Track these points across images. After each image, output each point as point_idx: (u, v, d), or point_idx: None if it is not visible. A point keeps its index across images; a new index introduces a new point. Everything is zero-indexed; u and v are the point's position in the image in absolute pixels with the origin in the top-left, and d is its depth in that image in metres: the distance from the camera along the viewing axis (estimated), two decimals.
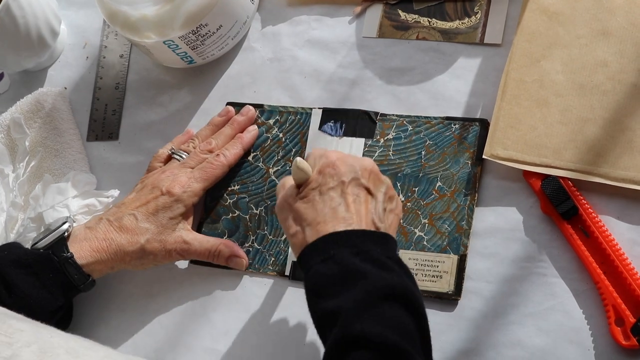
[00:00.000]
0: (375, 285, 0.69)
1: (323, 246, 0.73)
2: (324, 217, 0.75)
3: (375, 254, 0.72)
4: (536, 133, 0.86)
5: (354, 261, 0.71)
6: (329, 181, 0.77)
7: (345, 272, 0.71)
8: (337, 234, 0.73)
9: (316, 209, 0.76)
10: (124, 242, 0.90)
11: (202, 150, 0.96)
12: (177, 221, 0.92)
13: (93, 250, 0.90)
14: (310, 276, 0.73)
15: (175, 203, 0.91)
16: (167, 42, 0.96)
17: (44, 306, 0.87)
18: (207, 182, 0.94)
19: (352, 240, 0.73)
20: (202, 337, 0.92)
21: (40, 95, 1.07)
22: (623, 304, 0.79)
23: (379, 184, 0.79)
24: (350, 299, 0.69)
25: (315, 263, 0.73)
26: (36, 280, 0.87)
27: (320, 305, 0.71)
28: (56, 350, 0.62)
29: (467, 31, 0.95)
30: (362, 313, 0.68)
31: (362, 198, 0.77)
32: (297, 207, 0.77)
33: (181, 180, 0.92)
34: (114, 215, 0.92)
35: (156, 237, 0.90)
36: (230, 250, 0.92)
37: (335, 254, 0.72)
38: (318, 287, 0.72)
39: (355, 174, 0.77)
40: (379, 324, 0.67)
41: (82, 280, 0.89)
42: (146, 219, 0.91)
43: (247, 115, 0.98)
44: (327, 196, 0.76)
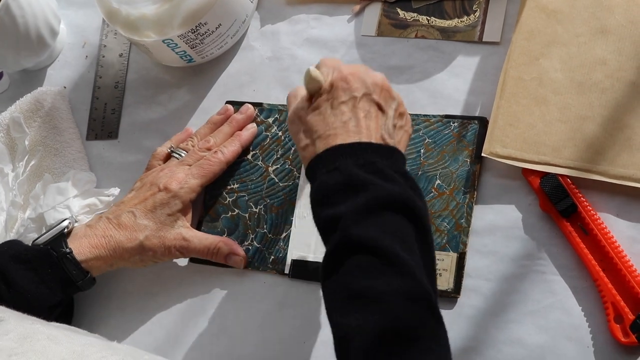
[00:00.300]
0: (378, 194, 0.70)
1: (329, 157, 0.74)
2: (334, 130, 0.75)
3: (380, 165, 0.73)
4: (535, 131, 0.86)
5: (357, 172, 0.71)
6: (340, 95, 0.77)
7: (348, 182, 0.71)
8: (344, 146, 0.74)
9: (327, 122, 0.76)
10: (122, 239, 0.90)
11: (201, 148, 0.96)
12: (176, 218, 0.92)
13: (92, 246, 0.90)
14: (316, 187, 0.74)
15: (173, 199, 0.91)
16: (166, 41, 0.96)
17: (42, 301, 0.87)
18: (204, 179, 0.94)
19: (358, 152, 0.73)
20: (202, 335, 0.92)
21: (40, 94, 1.07)
22: (622, 301, 0.79)
23: (390, 99, 0.79)
24: (351, 205, 0.70)
25: (321, 174, 0.73)
26: (35, 276, 0.88)
27: (323, 212, 0.72)
28: (37, 336, 0.62)
29: (466, 29, 0.95)
30: (361, 219, 0.69)
31: (373, 114, 0.77)
32: (308, 120, 0.78)
33: (178, 177, 0.92)
34: (113, 214, 0.92)
35: (155, 234, 0.90)
36: (229, 248, 0.92)
37: (339, 165, 0.72)
38: (322, 196, 0.73)
39: (367, 89, 0.78)
40: (378, 230, 0.68)
41: (80, 277, 0.90)
42: (144, 215, 0.91)
43: (246, 113, 0.98)
44: (339, 110, 0.77)
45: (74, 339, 0.64)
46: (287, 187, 0.95)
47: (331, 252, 0.69)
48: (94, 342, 0.66)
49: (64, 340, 0.63)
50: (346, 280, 0.67)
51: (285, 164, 0.96)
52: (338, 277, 0.68)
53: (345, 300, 0.67)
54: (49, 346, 0.62)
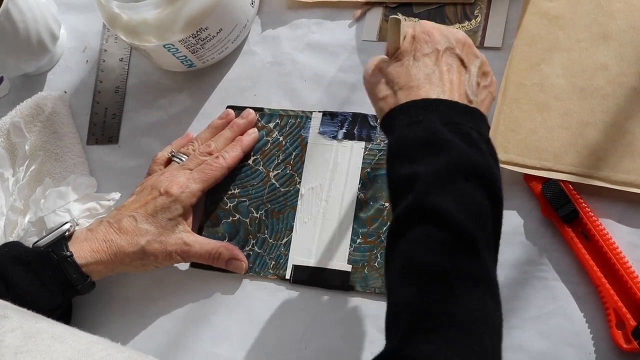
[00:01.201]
0: (460, 159, 0.67)
1: (412, 110, 0.71)
2: (418, 82, 0.73)
3: (465, 128, 0.70)
4: (537, 136, 0.86)
5: (442, 130, 0.69)
6: (423, 47, 0.75)
7: (431, 139, 0.69)
8: (429, 100, 0.72)
9: (410, 73, 0.74)
10: (124, 244, 0.90)
11: (202, 153, 0.96)
12: (177, 222, 0.92)
13: (93, 250, 0.90)
14: (395, 138, 0.71)
15: (174, 203, 0.91)
16: (167, 46, 0.96)
17: (41, 304, 0.87)
18: (205, 184, 0.93)
19: (443, 109, 0.71)
20: (203, 340, 0.92)
21: (40, 99, 1.07)
22: (624, 307, 0.79)
23: (473, 57, 0.77)
24: (430, 167, 0.67)
25: (400, 125, 0.71)
26: (35, 278, 0.87)
27: (398, 168, 0.69)
28: (41, 335, 0.62)
29: (467, 34, 0.94)
30: (440, 185, 0.66)
31: (456, 69, 0.75)
32: (390, 70, 0.76)
33: (179, 181, 0.92)
34: (113, 218, 0.92)
35: (156, 239, 0.90)
36: (230, 253, 0.92)
37: (423, 119, 0.70)
38: (400, 150, 0.70)
39: (449, 43, 0.76)
40: (455, 201, 0.65)
41: (80, 280, 0.89)
42: (145, 220, 0.91)
43: (248, 118, 0.98)
44: (421, 62, 0.75)
45: (78, 338, 0.64)
46: (288, 192, 0.95)
47: (403, 216, 0.66)
48: (99, 340, 0.66)
49: (68, 339, 0.63)
50: (412, 249, 0.65)
51: (286, 169, 0.96)
52: (405, 243, 0.65)
53: (406, 271, 0.65)
54: (53, 345, 0.62)
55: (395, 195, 0.70)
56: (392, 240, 0.67)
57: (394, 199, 0.70)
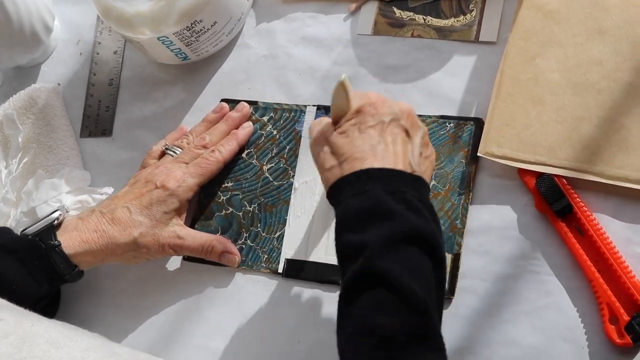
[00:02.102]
0: (405, 227, 0.69)
1: (357, 181, 0.73)
2: (362, 154, 0.75)
3: (409, 196, 0.72)
4: (531, 131, 0.86)
5: (386, 199, 0.71)
6: (368, 120, 0.77)
7: (376, 209, 0.71)
8: (373, 170, 0.73)
9: (354, 144, 0.76)
10: (116, 234, 0.89)
11: (196, 146, 0.95)
12: (171, 216, 0.91)
13: (82, 240, 0.89)
14: (342, 209, 0.73)
15: (170, 197, 0.91)
16: (161, 39, 0.96)
17: (28, 293, 0.86)
18: (202, 178, 0.93)
19: (388, 179, 0.73)
20: (195, 334, 0.92)
21: (34, 91, 1.07)
22: (617, 302, 0.79)
23: (416, 127, 0.79)
24: (377, 235, 0.69)
25: (347, 197, 0.73)
26: (22, 267, 0.87)
27: (346, 236, 0.71)
28: (36, 340, 0.62)
29: (462, 29, 0.95)
30: (386, 251, 0.68)
31: (400, 140, 0.77)
32: (335, 141, 0.77)
33: (176, 175, 0.92)
34: (106, 208, 0.91)
35: (149, 231, 0.90)
36: (223, 246, 0.92)
37: (368, 190, 0.72)
38: (347, 220, 0.72)
39: (395, 115, 0.78)
40: (401, 265, 0.68)
41: (67, 270, 0.89)
42: (140, 212, 0.90)
43: (242, 111, 0.98)
44: (366, 134, 0.76)
45: (74, 343, 0.64)
46: (282, 186, 0.95)
47: (352, 281, 0.69)
48: (96, 347, 0.65)
49: (64, 345, 0.63)
50: (363, 314, 0.67)
51: (279, 163, 0.96)
52: (356, 309, 0.68)
53: (358, 336, 0.67)
54: (48, 351, 0.61)
55: (343, 262, 0.72)
56: (344, 305, 0.69)
57: (342, 267, 0.72)
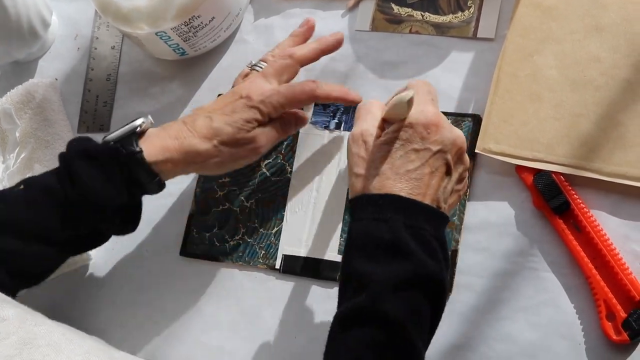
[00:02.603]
0: (417, 271, 0.69)
1: (382, 205, 0.72)
2: (396, 175, 0.73)
3: (428, 235, 0.71)
4: (529, 128, 0.86)
5: (405, 236, 0.70)
6: (417, 140, 0.74)
7: (393, 243, 0.70)
8: (400, 199, 0.72)
9: (393, 162, 0.74)
10: (195, 142, 0.85)
11: (281, 55, 0.91)
12: (253, 125, 0.86)
13: (163, 147, 0.84)
14: (358, 228, 0.72)
15: (252, 108, 0.86)
16: (159, 34, 0.96)
17: (106, 200, 0.82)
18: (289, 102, 0.88)
19: (411, 212, 0.72)
20: (193, 329, 0.92)
21: (31, 86, 1.07)
22: (614, 299, 0.79)
23: (459, 164, 0.77)
24: (389, 273, 0.69)
25: (366, 217, 0.72)
26: (101, 173, 0.82)
27: (356, 262, 0.71)
28: (38, 342, 0.61)
29: (460, 25, 0.95)
30: (393, 293, 0.68)
31: (439, 174, 0.75)
32: (373, 150, 0.75)
33: (264, 88, 0.87)
34: (189, 117, 0.87)
35: (230, 136, 0.85)
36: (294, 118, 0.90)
37: (390, 219, 0.71)
38: (361, 243, 0.71)
39: (444, 146, 0.75)
40: (404, 311, 0.68)
41: (148, 179, 0.84)
42: (221, 119, 0.86)
43: (335, 36, 0.93)
44: (408, 156, 0.74)
45: (75, 346, 0.63)
46: (279, 181, 0.95)
47: (354, 312, 0.69)
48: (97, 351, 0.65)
49: (64, 348, 0.62)
50: (357, 349, 0.67)
51: (277, 159, 0.96)
52: (351, 340, 0.68)
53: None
54: (48, 355, 0.60)
55: (347, 285, 0.72)
56: (339, 330, 0.69)
57: (343, 287, 0.72)
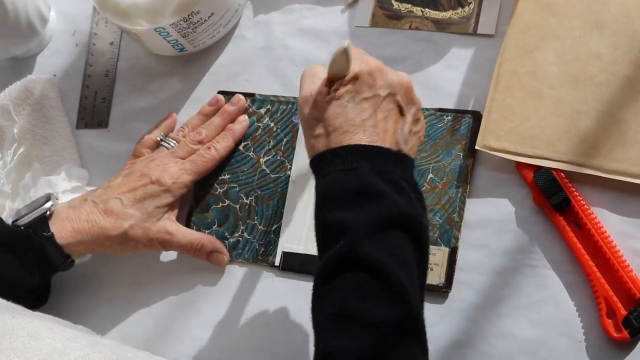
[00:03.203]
0: (391, 210, 0.69)
1: (346, 155, 0.72)
2: (352, 127, 0.73)
3: (396, 176, 0.71)
4: (529, 124, 0.86)
5: (374, 179, 0.70)
6: (365, 90, 0.75)
7: (363, 189, 0.70)
8: (362, 147, 0.72)
9: (346, 116, 0.74)
10: (107, 226, 0.89)
11: (192, 141, 0.95)
12: (163, 211, 0.91)
13: (74, 231, 0.89)
14: (327, 182, 0.72)
15: (164, 193, 0.91)
16: (158, 30, 0.95)
17: (21, 285, 0.86)
18: (197, 175, 0.93)
19: (375, 157, 0.72)
20: (191, 326, 0.92)
21: (29, 82, 1.06)
22: (615, 297, 0.79)
23: (410, 104, 0.78)
24: (363, 217, 0.68)
25: (334, 170, 0.72)
26: (14, 259, 0.86)
27: (330, 213, 0.70)
28: (17, 332, 0.61)
29: (460, 21, 0.94)
30: (371, 235, 0.67)
31: (393, 117, 0.75)
32: (325, 108, 0.75)
33: (171, 171, 0.92)
34: (99, 198, 0.91)
35: (140, 224, 0.90)
36: (212, 245, 0.92)
37: (357, 167, 0.71)
38: (332, 197, 0.71)
39: (392, 89, 0.76)
40: (385, 250, 0.67)
41: (60, 261, 0.89)
42: (132, 205, 0.90)
43: (238, 105, 0.98)
44: (360, 106, 0.74)
45: (56, 334, 0.63)
46: (279, 178, 0.94)
47: (334, 261, 0.68)
48: (77, 337, 0.65)
49: (45, 336, 0.62)
50: (343, 296, 0.67)
51: (276, 156, 0.95)
52: (335, 289, 0.67)
53: (338, 318, 0.66)
54: (28, 343, 0.60)
55: (324, 239, 0.71)
56: (321, 284, 0.69)
57: (322, 243, 0.72)
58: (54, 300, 0.96)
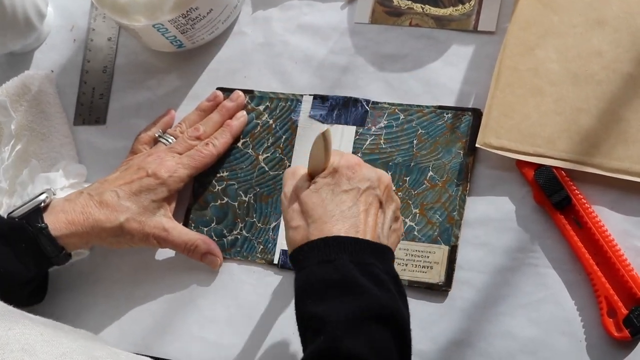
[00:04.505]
0: (370, 304, 0.68)
1: (324, 248, 0.71)
2: (332, 218, 0.73)
3: (375, 269, 0.71)
4: (530, 122, 0.85)
5: (353, 272, 0.69)
6: (344, 183, 0.75)
7: (342, 281, 0.69)
8: (341, 238, 0.72)
9: (325, 207, 0.74)
10: (102, 218, 0.89)
11: (190, 137, 0.95)
12: (159, 205, 0.91)
13: (69, 222, 0.88)
14: (305, 274, 0.72)
15: (160, 186, 0.90)
16: (156, 26, 0.95)
17: (15, 277, 0.86)
18: (194, 170, 0.93)
19: (355, 249, 0.71)
20: (190, 324, 0.92)
21: (27, 78, 1.06)
22: (615, 296, 0.79)
23: (390, 201, 0.78)
24: (342, 311, 0.68)
25: (312, 263, 0.71)
26: (8, 250, 0.86)
27: (309, 307, 0.70)
28: (10, 347, 0.60)
29: (461, 18, 0.94)
30: (351, 330, 0.67)
31: (373, 210, 0.75)
32: (306, 200, 0.75)
33: (168, 165, 0.91)
34: (95, 190, 0.91)
35: (136, 218, 0.89)
36: (207, 247, 0.91)
37: (335, 259, 0.70)
38: (310, 288, 0.71)
39: (371, 183, 0.76)
40: (366, 346, 0.66)
41: (55, 252, 0.88)
42: (128, 197, 0.90)
43: (237, 101, 0.97)
44: (339, 198, 0.75)
45: (52, 348, 0.62)
46: (278, 176, 0.94)
47: (316, 357, 0.67)
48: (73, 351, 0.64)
49: (40, 351, 0.61)
50: None
51: (275, 153, 0.95)
52: None
53: None
54: (22, 358, 0.60)
55: (305, 334, 0.71)
56: None
57: (303, 337, 0.71)
58: (51, 296, 0.95)
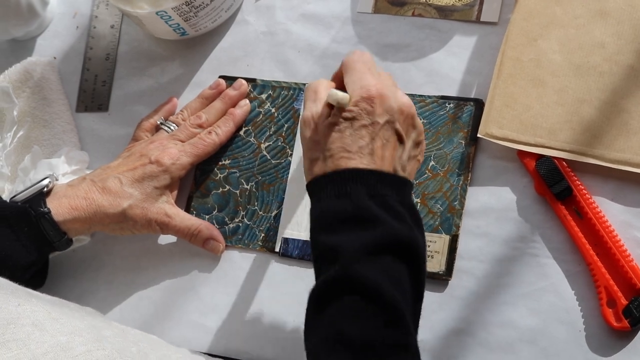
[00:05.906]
0: (385, 234, 0.69)
1: (340, 182, 0.72)
2: (349, 153, 0.73)
3: (391, 200, 0.71)
4: (532, 113, 0.86)
5: (368, 204, 0.70)
6: (363, 117, 0.74)
7: (358, 214, 0.70)
8: (357, 171, 0.72)
9: (343, 142, 0.74)
10: (105, 204, 0.89)
11: (193, 125, 0.95)
12: (161, 192, 0.91)
13: (71, 207, 0.89)
14: (321, 209, 0.72)
15: (163, 173, 0.91)
16: (159, 13, 0.95)
17: (17, 260, 0.86)
18: (196, 158, 0.93)
19: (370, 181, 0.72)
20: (190, 311, 0.92)
21: (29, 64, 1.06)
22: (615, 286, 0.79)
23: (411, 130, 0.77)
24: (357, 241, 0.68)
25: (327, 196, 0.72)
26: (10, 233, 0.86)
27: (324, 237, 0.70)
28: (21, 321, 0.60)
29: (464, 9, 0.94)
30: (365, 259, 0.67)
31: (391, 144, 0.75)
32: (324, 132, 0.75)
33: (171, 152, 0.91)
34: (98, 177, 0.91)
35: (139, 204, 0.90)
36: (209, 232, 0.91)
37: (351, 192, 0.71)
38: (326, 220, 0.71)
39: (390, 116, 0.75)
40: (381, 274, 0.67)
41: (57, 237, 0.88)
42: (131, 184, 0.90)
43: (240, 89, 0.97)
44: (358, 133, 0.74)
45: (61, 325, 0.62)
46: (279, 164, 0.94)
47: (328, 284, 0.68)
48: (82, 330, 0.64)
49: (49, 327, 0.61)
50: (338, 320, 0.66)
51: (277, 141, 0.95)
52: (330, 313, 0.67)
53: (332, 342, 0.66)
54: (32, 334, 0.60)
55: (320, 263, 0.71)
56: (315, 308, 0.69)
57: (317, 267, 0.72)
58: (53, 282, 0.95)
